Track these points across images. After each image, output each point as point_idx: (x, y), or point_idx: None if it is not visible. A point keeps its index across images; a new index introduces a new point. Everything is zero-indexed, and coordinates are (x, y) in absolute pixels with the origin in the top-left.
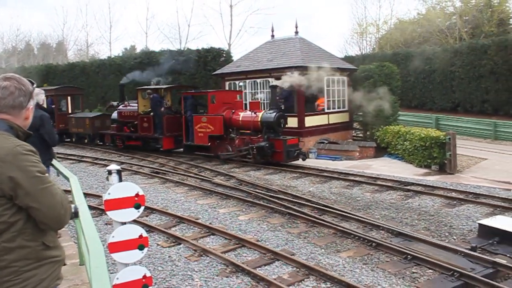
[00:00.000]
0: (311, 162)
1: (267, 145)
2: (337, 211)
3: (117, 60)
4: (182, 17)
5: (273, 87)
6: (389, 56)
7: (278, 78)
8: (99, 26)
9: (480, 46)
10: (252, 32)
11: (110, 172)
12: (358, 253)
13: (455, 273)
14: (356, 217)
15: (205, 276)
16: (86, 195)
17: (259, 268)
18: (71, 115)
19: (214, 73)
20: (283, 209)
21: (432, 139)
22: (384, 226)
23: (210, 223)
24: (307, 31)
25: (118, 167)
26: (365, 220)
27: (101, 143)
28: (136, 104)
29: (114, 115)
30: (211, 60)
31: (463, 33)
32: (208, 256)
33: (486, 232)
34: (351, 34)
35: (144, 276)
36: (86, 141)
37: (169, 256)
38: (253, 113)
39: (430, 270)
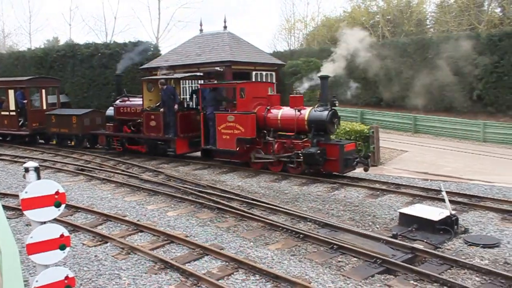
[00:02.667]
0: None
1: (318, 151)
2: (265, 205)
3: (39, 52)
4: (108, 8)
5: (324, 78)
6: (316, 52)
7: (208, 73)
8: (17, 15)
9: (401, 44)
10: (181, 26)
11: (27, 170)
12: (286, 245)
13: (377, 260)
14: (284, 210)
15: (133, 274)
16: (4, 195)
17: (188, 264)
18: (50, 112)
19: (142, 67)
20: (212, 204)
21: (356, 133)
22: (311, 217)
23: (138, 220)
24: (236, 26)
25: (36, 164)
26: (293, 212)
27: (89, 146)
28: (138, 98)
29: (110, 112)
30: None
31: (385, 31)
32: (136, 253)
33: (406, 220)
34: (280, 30)
35: (67, 277)
36: (72, 143)
37: (95, 256)
38: (296, 110)
39: (355, 259)
